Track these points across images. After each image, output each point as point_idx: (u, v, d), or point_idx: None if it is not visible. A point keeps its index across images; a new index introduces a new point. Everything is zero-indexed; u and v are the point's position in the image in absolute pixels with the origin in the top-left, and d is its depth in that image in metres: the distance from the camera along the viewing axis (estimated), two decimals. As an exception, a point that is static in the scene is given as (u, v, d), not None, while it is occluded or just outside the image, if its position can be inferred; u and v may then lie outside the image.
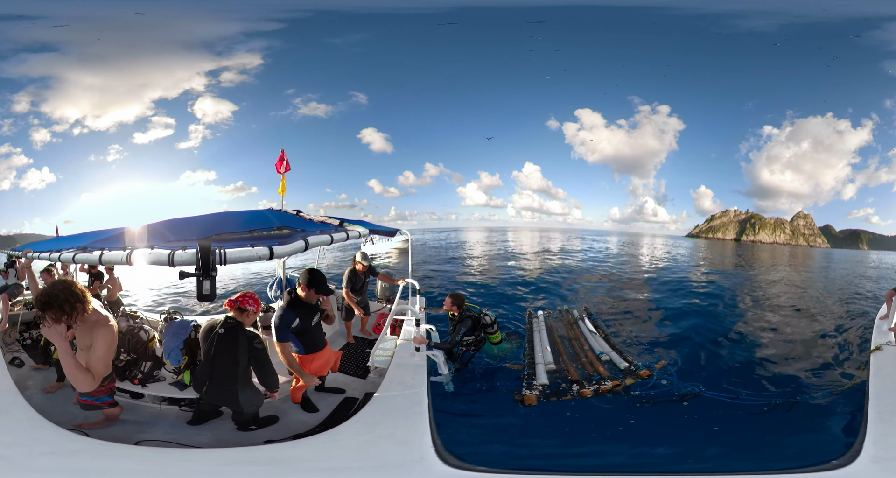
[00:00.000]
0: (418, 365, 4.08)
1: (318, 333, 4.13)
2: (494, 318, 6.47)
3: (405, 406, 3.30)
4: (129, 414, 3.98)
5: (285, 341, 3.86)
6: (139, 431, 3.74)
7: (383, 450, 2.82)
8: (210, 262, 2.74)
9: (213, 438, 3.72)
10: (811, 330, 9.79)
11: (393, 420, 3.14)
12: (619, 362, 6.39)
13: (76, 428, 3.25)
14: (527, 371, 6.06)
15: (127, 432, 3.66)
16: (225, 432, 3.80)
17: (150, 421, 3.97)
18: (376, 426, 3.06)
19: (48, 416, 3.06)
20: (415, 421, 3.07)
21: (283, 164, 5.78)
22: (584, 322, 8.29)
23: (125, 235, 3.56)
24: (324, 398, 4.42)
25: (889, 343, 4.83)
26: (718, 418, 5.13)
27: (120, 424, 3.78)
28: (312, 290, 3.90)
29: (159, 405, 4.19)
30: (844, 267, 28.55)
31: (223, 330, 3.59)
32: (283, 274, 4.93)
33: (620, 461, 4.32)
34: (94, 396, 3.50)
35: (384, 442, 2.90)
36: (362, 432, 3.01)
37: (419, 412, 3.18)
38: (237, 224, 3.77)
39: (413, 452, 2.75)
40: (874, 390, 3.81)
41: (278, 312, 3.87)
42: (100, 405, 3.57)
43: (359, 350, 5.84)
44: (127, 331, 4.57)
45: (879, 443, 3.00)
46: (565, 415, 5.19)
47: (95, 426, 3.61)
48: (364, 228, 4.36)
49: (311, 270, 4.00)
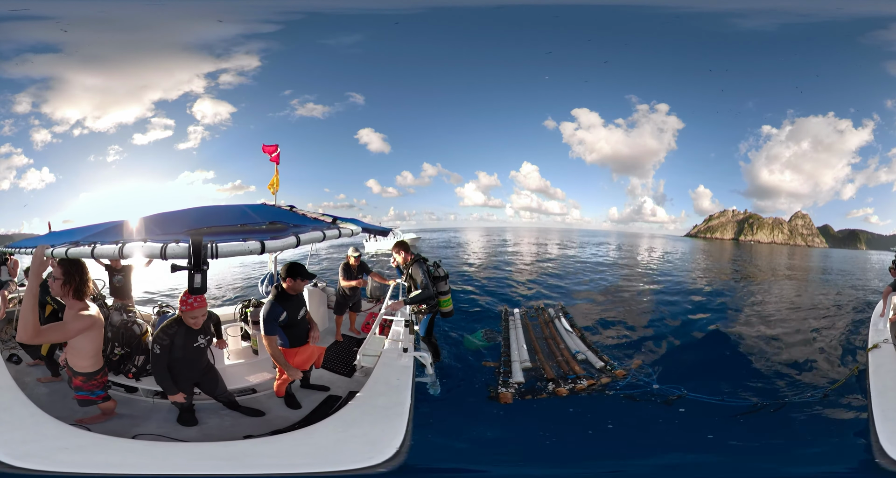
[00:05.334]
0: (405, 366, 4.07)
1: (303, 327, 4.22)
2: (447, 273, 5.81)
3: (386, 407, 3.30)
4: (125, 408, 4.07)
5: (272, 335, 3.93)
6: (134, 424, 3.85)
7: (351, 449, 2.81)
8: (202, 255, 2.76)
9: (200, 432, 3.82)
10: (804, 329, 9.80)
11: (371, 420, 3.13)
12: (595, 361, 6.45)
13: (78, 423, 3.29)
14: (503, 369, 6.11)
15: (124, 427, 3.75)
16: (212, 426, 3.91)
17: (144, 415, 4.08)
18: (352, 425, 3.06)
19: (48, 411, 3.08)
20: (392, 422, 3.06)
21: (275, 152, 5.81)
22: (560, 321, 8.36)
23: (117, 229, 3.58)
24: (308, 395, 4.47)
25: (886, 341, 4.82)
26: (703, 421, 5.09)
27: (117, 418, 3.88)
28: (298, 279, 4.02)
29: (152, 399, 4.27)
30: (842, 268, 28.60)
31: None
32: (275, 269, 4.94)
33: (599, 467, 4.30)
34: (88, 390, 3.58)
35: (354, 441, 2.89)
36: (338, 430, 3.02)
37: (399, 413, 3.17)
38: (230, 218, 3.77)
39: (379, 453, 2.74)
40: (875, 388, 3.77)
41: (266, 305, 3.95)
42: (94, 400, 3.64)
43: (346, 348, 5.86)
44: (120, 325, 4.60)
45: (891, 441, 3.00)
46: (539, 414, 5.19)
47: (96, 421, 3.70)
48: (357, 226, 4.37)
49: (290, 262, 4.15)
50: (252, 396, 4.47)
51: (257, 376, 4.69)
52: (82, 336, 3.37)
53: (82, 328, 3.32)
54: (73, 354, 3.49)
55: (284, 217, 4.01)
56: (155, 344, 3.66)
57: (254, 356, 5.16)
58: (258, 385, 4.56)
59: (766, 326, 10.09)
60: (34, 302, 2.90)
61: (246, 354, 5.20)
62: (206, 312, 3.81)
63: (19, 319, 2.89)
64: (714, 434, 4.74)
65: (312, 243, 3.84)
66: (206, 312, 3.81)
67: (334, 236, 4.09)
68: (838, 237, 66.04)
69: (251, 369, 4.85)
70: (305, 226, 3.89)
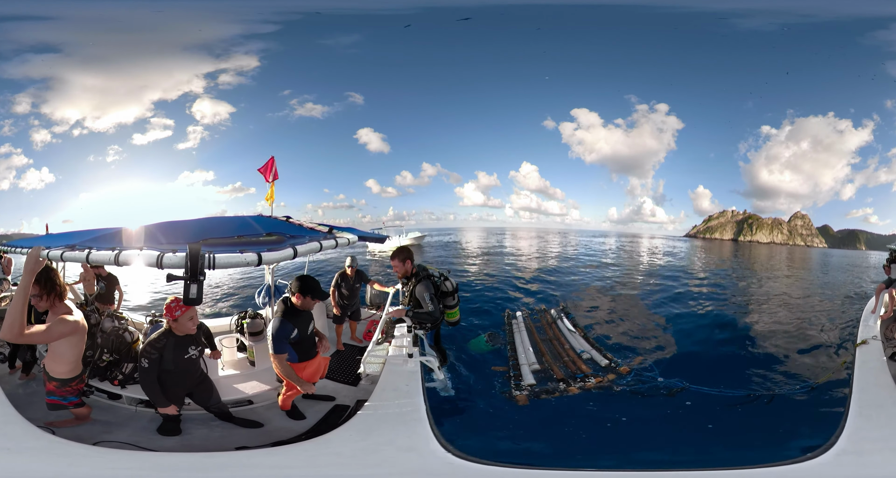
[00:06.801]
0: (412, 371, 3.98)
1: (312, 341, 4.13)
2: (457, 285, 5.30)
3: (403, 413, 3.21)
4: (102, 414, 3.97)
5: (282, 353, 3.79)
6: (104, 431, 3.72)
7: (386, 457, 2.72)
8: (199, 266, 2.74)
9: (178, 442, 3.70)
10: (800, 326, 9.90)
11: (391, 427, 3.05)
12: (600, 359, 6.64)
13: (46, 426, 3.25)
14: (512, 372, 6.18)
15: (92, 432, 3.64)
16: (195, 437, 3.78)
17: (121, 422, 3.95)
18: (371, 433, 2.97)
19: (24, 411, 3.04)
20: (415, 427, 2.98)
21: (270, 171, 5.79)
22: (562, 321, 8.46)
23: (115, 236, 3.57)
24: (312, 406, 4.37)
25: (874, 337, 4.85)
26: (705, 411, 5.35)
27: (91, 424, 3.77)
28: (308, 297, 3.82)
29: (135, 408, 4.19)
30: (841, 267, 28.62)
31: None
32: (272, 281, 4.95)
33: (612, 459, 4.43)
34: (60, 395, 3.53)
35: (385, 449, 2.80)
36: (356, 439, 2.94)
37: (418, 418, 3.09)
38: (227, 229, 3.77)
39: (423, 457, 2.68)
40: (858, 384, 3.81)
41: (275, 323, 3.79)
42: (66, 405, 3.59)
43: (349, 357, 5.82)
44: (111, 332, 4.57)
45: (853, 436, 3.02)
46: (559, 412, 5.38)
47: (65, 425, 3.63)
48: (353, 235, 4.37)
49: (303, 277, 3.91)
50: (249, 407, 4.41)
51: (254, 386, 4.63)
52: (65, 341, 3.32)
53: (65, 332, 3.28)
54: (52, 359, 3.45)
55: (281, 228, 4.01)
56: (143, 358, 3.59)
57: (250, 367, 5.10)
58: (255, 397, 4.49)
59: (762, 323, 10.22)
60: (24, 302, 2.87)
61: (242, 366, 5.15)
62: (195, 315, 3.70)
63: (6, 317, 2.84)
64: (714, 424, 4.97)
65: (309, 254, 3.83)
66: (195, 315, 3.70)
67: (331, 247, 4.04)
68: (838, 237, 66.05)
69: (247, 379, 4.79)
70: (302, 237, 3.88)
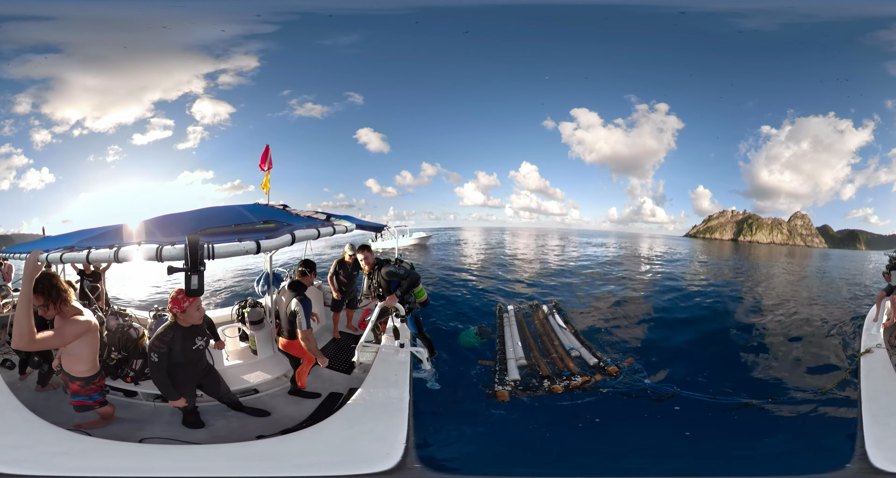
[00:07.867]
0: (402, 362, 4.10)
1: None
2: (412, 264, 5.79)
3: (386, 403, 3.33)
4: (125, 412, 4.01)
5: (311, 328, 4.26)
6: (138, 428, 3.78)
7: (360, 446, 2.85)
8: (198, 256, 2.76)
9: (208, 434, 3.78)
10: (799, 330, 9.82)
11: (374, 416, 3.16)
12: (589, 358, 6.49)
13: (76, 428, 3.24)
14: (498, 367, 6.14)
15: (127, 431, 3.70)
16: (219, 428, 3.88)
17: (146, 419, 4.01)
18: (357, 422, 3.08)
19: (43, 417, 3.04)
20: (393, 418, 3.08)
21: (265, 160, 5.84)
22: (554, 317, 8.36)
23: (112, 233, 3.60)
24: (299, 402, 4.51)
25: (879, 346, 4.81)
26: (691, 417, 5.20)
27: (118, 422, 3.81)
28: (312, 273, 4.64)
29: (153, 403, 4.22)
30: (841, 268, 28.61)
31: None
32: (270, 269, 4.97)
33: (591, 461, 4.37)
34: (85, 395, 3.53)
35: (362, 438, 2.92)
36: (345, 427, 3.04)
37: (399, 409, 3.20)
38: (224, 219, 3.79)
39: (386, 448, 2.77)
40: (866, 393, 3.83)
41: (301, 301, 4.22)
42: (91, 405, 3.59)
43: (344, 345, 5.88)
44: (117, 329, 4.58)
45: (881, 445, 3.04)
46: (537, 411, 5.27)
47: (94, 426, 3.64)
48: (351, 223, 4.42)
49: (305, 259, 4.69)
50: (255, 396, 4.48)
51: (258, 376, 4.69)
52: (79, 341, 3.33)
53: (79, 333, 3.29)
54: (70, 359, 3.45)
55: (278, 216, 4.04)
56: (152, 352, 3.61)
57: (253, 356, 5.14)
58: (260, 385, 4.55)
59: (760, 327, 10.11)
60: (28, 308, 2.86)
61: (245, 355, 5.19)
62: (201, 305, 3.75)
63: (14, 325, 2.83)
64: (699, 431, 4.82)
65: (307, 241, 3.87)
66: (201, 305, 3.75)
67: (329, 234, 4.13)
68: (838, 238, 65.98)
69: (251, 369, 4.85)
70: (299, 224, 3.92)
